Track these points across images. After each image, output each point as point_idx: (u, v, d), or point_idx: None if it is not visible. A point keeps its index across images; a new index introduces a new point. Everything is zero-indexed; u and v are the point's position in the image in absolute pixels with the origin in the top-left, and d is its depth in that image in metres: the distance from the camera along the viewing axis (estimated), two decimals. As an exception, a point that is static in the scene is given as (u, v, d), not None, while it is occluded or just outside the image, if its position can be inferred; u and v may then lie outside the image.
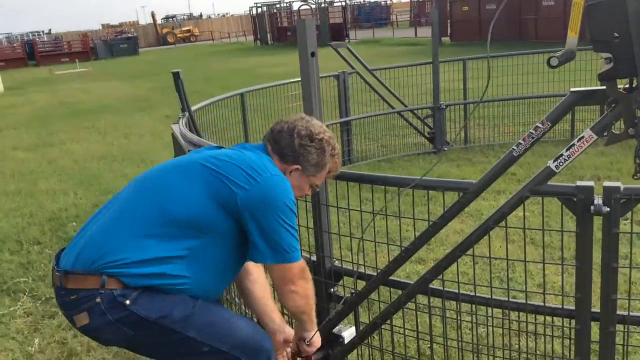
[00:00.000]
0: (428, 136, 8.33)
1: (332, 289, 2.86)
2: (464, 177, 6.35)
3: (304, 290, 2.24)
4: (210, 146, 2.40)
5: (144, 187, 2.19)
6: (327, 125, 7.55)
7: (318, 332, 2.44)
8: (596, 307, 2.18)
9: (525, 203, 2.21)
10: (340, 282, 2.90)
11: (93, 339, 2.20)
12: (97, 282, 1.98)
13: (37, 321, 3.93)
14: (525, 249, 2.31)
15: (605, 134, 2.12)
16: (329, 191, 2.87)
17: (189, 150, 3.58)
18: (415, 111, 8.18)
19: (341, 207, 2.71)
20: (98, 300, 1.97)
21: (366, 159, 7.93)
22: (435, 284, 2.50)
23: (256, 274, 2.46)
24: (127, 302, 1.98)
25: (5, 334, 3.77)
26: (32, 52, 40.58)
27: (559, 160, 2.10)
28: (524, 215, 2.23)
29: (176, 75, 4.93)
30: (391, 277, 2.62)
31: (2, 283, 4.51)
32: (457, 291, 2.44)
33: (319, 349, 2.80)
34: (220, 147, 2.36)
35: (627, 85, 1.99)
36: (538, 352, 2.46)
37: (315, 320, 2.41)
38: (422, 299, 2.58)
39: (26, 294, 4.33)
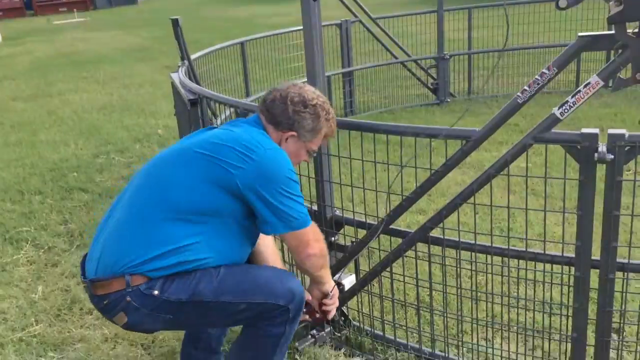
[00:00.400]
0: (431, 87, 8.24)
1: (332, 238, 2.87)
2: (466, 128, 6.30)
3: (320, 250, 2.29)
4: (203, 129, 2.39)
5: (148, 183, 2.21)
6: (329, 76, 7.44)
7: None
8: (595, 256, 2.18)
9: (527, 155, 2.18)
10: (341, 231, 2.91)
11: (139, 332, 2.37)
12: (122, 284, 2.06)
13: (40, 269, 3.96)
14: (527, 199, 2.29)
15: (610, 84, 2.09)
16: (330, 142, 2.85)
17: (188, 101, 3.55)
18: (419, 61, 8.07)
19: (343, 156, 2.69)
20: (128, 299, 2.06)
21: (368, 110, 7.86)
22: (436, 233, 2.51)
23: (266, 239, 2.48)
24: (156, 292, 2.06)
25: (9, 281, 3.80)
26: (30, 2, 39.79)
27: (564, 107, 2.07)
28: (527, 163, 2.20)
29: (175, 23, 4.84)
30: (392, 226, 2.62)
31: (5, 232, 4.53)
32: (457, 239, 2.44)
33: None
34: (211, 128, 2.35)
35: (636, 30, 1.94)
36: (536, 299, 2.47)
37: (328, 273, 2.44)
38: (422, 247, 2.58)
39: (29, 242, 4.35)
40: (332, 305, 2.45)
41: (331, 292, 2.42)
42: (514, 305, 2.45)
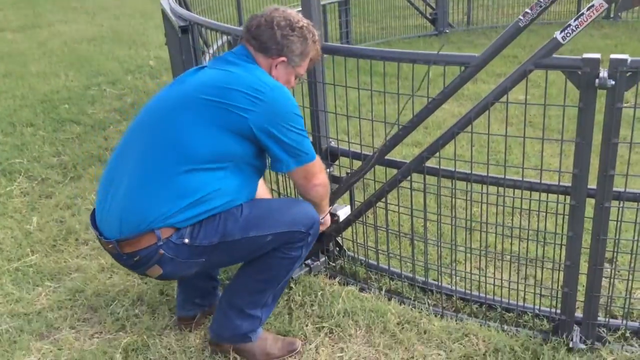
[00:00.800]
0: (430, 17, 8.05)
1: (327, 169, 2.84)
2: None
3: (324, 180, 2.36)
4: (195, 68, 2.31)
5: (157, 135, 2.14)
6: (324, 5, 7.24)
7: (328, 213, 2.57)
8: (591, 186, 2.16)
9: (527, 81, 2.13)
10: (337, 163, 2.88)
11: (172, 279, 2.41)
12: (152, 238, 2.07)
13: (35, 201, 3.95)
14: (525, 129, 2.25)
15: (611, 16, 2.01)
16: (326, 72, 2.78)
17: (179, 28, 3.45)
18: (417, -10, 7.86)
19: (338, 84, 2.62)
20: (161, 252, 2.09)
21: (365, 42, 7.71)
22: (432, 163, 2.48)
23: None
24: (186, 240, 2.10)
25: (3, 212, 3.79)
26: None
27: (566, 31, 2.00)
28: (526, 90, 2.15)
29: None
30: (387, 157, 2.59)
31: (-3, 164, 4.50)
32: (453, 169, 2.41)
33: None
34: (202, 68, 2.27)
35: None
36: (531, 229, 2.48)
37: (328, 200, 2.51)
38: (417, 178, 2.56)
39: (22, 174, 4.32)
40: (323, 228, 2.54)
41: (322, 218, 2.47)
42: (508, 235, 2.45)
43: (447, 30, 7.93)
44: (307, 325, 2.59)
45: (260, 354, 2.40)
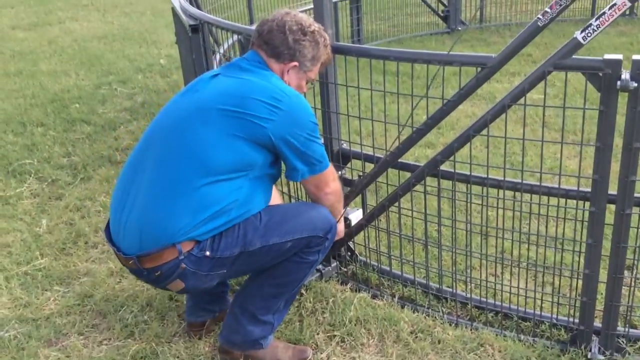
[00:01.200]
0: (442, 15, 7.96)
1: (339, 172, 2.78)
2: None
3: (335, 188, 2.33)
4: (208, 75, 2.25)
5: (174, 144, 2.09)
6: (335, 3, 7.16)
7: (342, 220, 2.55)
8: (612, 191, 2.09)
9: (545, 83, 2.06)
10: (348, 165, 2.82)
11: (196, 292, 2.40)
12: (173, 253, 2.03)
13: (45, 202, 3.92)
14: (543, 130, 2.18)
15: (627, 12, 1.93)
16: (338, 72, 2.72)
17: (189, 26, 3.40)
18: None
19: (350, 86, 2.56)
20: (183, 266, 2.05)
21: (376, 40, 7.63)
22: (446, 167, 2.42)
23: None
24: (208, 253, 2.06)
25: (13, 215, 3.77)
26: None
27: (587, 31, 1.93)
28: (545, 92, 2.08)
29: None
30: (400, 160, 2.53)
31: (7, 165, 4.47)
32: (468, 173, 2.35)
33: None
34: (216, 75, 2.21)
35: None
36: (548, 236, 2.41)
37: (342, 206, 2.48)
38: (431, 182, 2.50)
39: (32, 175, 4.29)
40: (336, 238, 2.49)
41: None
42: (525, 241, 2.38)
43: (460, 28, 7.83)
44: (318, 334, 2.53)
45: None
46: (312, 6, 2.55)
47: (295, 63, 2.23)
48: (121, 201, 2.15)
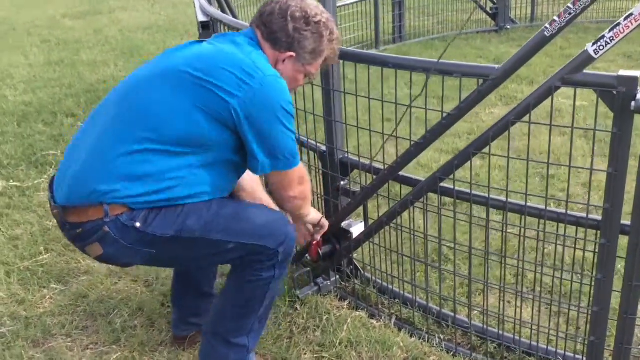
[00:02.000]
0: (490, 12, 7.64)
1: (341, 183, 2.63)
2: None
3: (301, 192, 2.13)
4: (191, 41, 2.09)
5: (131, 102, 1.92)
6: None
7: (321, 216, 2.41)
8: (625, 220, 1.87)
9: (552, 99, 1.85)
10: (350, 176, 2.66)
11: (113, 265, 2.16)
12: (99, 212, 1.85)
13: (60, 195, 3.91)
14: (550, 149, 1.97)
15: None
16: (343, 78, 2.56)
17: (199, 23, 3.30)
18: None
19: (348, 93, 2.40)
20: (106, 229, 1.85)
21: (419, 37, 7.38)
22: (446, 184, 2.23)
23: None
24: (138, 224, 1.86)
25: (27, 206, 3.77)
26: None
27: (599, 43, 1.71)
28: (552, 108, 1.87)
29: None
30: (402, 173, 2.35)
31: (32, 155, 4.49)
32: (469, 191, 2.15)
33: (326, 243, 2.65)
34: (200, 42, 2.05)
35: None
36: (556, 265, 2.19)
37: (309, 210, 2.30)
38: (434, 198, 2.31)
39: (52, 167, 4.30)
40: (321, 232, 2.46)
41: (319, 222, 2.37)
42: (530, 270, 2.17)
43: (509, 26, 7.49)
44: (305, 354, 2.39)
45: None
46: (347, 1, 2.37)
47: (292, 54, 2.02)
48: (70, 154, 2.00)
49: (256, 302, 2.09)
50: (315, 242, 2.57)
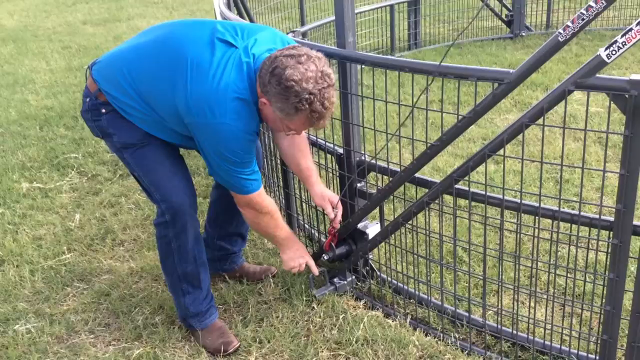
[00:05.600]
0: (505, 19, 7.66)
1: (357, 185, 2.68)
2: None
3: (253, 217, 2.38)
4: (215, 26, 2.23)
5: (153, 47, 2.30)
6: (392, 5, 6.87)
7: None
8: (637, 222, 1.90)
9: (566, 103, 1.90)
10: (367, 178, 2.72)
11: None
12: (93, 86, 2.35)
13: (82, 197, 4.00)
14: (563, 151, 2.01)
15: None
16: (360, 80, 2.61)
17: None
18: (492, -10, 7.49)
19: (366, 97, 2.46)
20: (87, 100, 2.37)
21: (434, 44, 7.42)
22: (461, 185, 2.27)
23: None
24: (103, 110, 2.32)
25: (50, 207, 3.86)
26: None
27: (611, 48, 1.76)
28: (565, 111, 1.92)
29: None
30: (418, 175, 2.40)
31: (54, 157, 4.60)
32: (484, 192, 2.20)
33: (343, 244, 2.71)
34: (215, 33, 2.20)
35: None
36: (569, 267, 2.23)
37: (281, 239, 2.51)
38: (449, 199, 2.36)
39: (74, 169, 4.39)
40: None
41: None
42: (543, 270, 2.21)
43: (524, 33, 7.50)
44: (322, 351, 2.44)
45: None
46: (371, 7, 2.44)
47: (265, 101, 2.07)
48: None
49: (163, 262, 2.55)
50: (333, 232, 2.67)
